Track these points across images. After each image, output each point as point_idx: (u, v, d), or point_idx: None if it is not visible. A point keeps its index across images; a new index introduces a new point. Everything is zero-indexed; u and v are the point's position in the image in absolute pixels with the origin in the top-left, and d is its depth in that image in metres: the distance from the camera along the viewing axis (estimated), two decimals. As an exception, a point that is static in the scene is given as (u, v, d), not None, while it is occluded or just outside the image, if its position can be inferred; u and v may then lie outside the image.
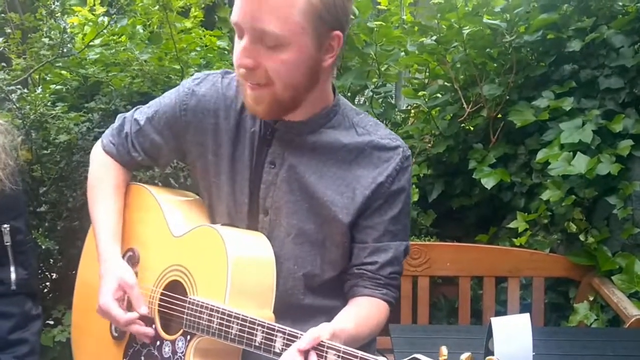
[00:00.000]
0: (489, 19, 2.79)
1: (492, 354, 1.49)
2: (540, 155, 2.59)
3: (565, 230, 2.58)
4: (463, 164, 2.89)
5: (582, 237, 2.54)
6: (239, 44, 1.32)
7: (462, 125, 2.99)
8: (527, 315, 1.57)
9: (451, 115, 3.01)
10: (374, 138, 1.47)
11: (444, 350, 1.11)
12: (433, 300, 2.70)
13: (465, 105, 2.87)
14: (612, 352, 1.92)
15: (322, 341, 1.20)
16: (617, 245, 2.55)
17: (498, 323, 1.53)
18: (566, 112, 2.65)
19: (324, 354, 1.19)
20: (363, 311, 1.45)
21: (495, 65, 2.96)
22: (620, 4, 2.78)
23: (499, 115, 2.87)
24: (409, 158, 1.49)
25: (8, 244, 1.62)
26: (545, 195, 2.56)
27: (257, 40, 1.29)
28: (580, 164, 2.47)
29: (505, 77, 2.85)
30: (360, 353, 1.17)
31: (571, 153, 2.51)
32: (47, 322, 2.55)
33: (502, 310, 2.55)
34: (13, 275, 1.63)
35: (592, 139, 2.52)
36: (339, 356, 1.18)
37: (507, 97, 2.82)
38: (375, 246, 1.48)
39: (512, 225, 2.70)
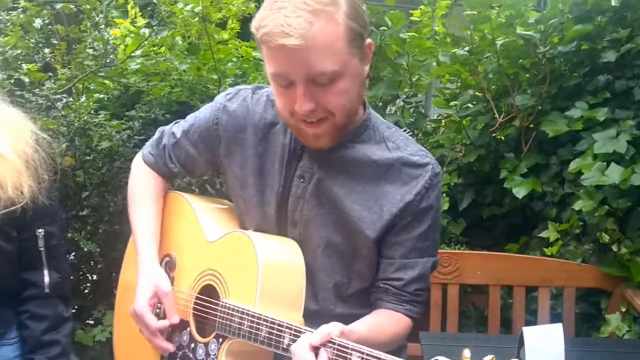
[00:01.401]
0: (522, 30, 2.78)
1: (523, 363, 1.50)
2: (573, 165, 2.55)
3: (597, 240, 2.54)
4: (494, 173, 2.87)
5: (614, 248, 2.50)
6: (287, 92, 1.32)
7: (494, 135, 2.98)
8: (560, 325, 1.54)
9: (482, 125, 3.00)
10: (404, 154, 1.47)
11: (466, 352, 1.11)
12: (462, 309, 2.69)
13: (497, 115, 2.85)
14: (643, 364, 1.90)
15: (332, 338, 1.23)
16: (650, 256, 2.52)
17: (530, 332, 1.52)
18: (600, 123, 2.61)
19: (334, 350, 1.22)
20: (380, 320, 1.47)
21: (527, 75, 2.94)
22: (656, 14, 2.75)
23: (531, 125, 2.85)
24: (438, 175, 1.48)
25: (42, 248, 1.67)
26: (577, 205, 2.52)
27: (310, 83, 1.30)
28: (614, 174, 2.43)
29: (538, 88, 2.82)
30: (365, 349, 1.18)
31: (604, 163, 2.48)
32: (87, 321, 2.63)
33: (532, 320, 2.54)
34: (47, 279, 1.68)
35: (627, 149, 2.48)
36: (341, 351, 1.20)
37: (540, 108, 2.80)
38: (402, 262, 1.49)
39: (543, 234, 2.67)
